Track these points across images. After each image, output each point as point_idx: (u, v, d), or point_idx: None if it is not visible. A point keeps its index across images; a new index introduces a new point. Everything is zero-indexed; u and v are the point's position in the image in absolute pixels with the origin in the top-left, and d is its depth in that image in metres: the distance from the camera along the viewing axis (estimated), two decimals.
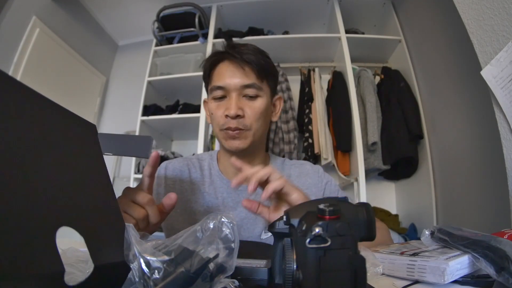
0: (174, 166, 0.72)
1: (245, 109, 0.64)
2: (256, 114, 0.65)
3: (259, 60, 0.65)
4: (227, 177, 0.71)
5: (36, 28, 1.76)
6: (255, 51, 0.67)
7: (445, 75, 1.50)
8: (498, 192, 1.07)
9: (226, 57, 0.66)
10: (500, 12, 0.73)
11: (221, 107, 0.65)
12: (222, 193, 0.70)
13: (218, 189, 0.70)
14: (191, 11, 1.96)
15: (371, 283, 0.39)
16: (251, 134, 0.65)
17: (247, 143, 0.65)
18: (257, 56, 0.65)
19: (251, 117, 0.64)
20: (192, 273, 0.25)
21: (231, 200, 0.69)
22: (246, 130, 0.64)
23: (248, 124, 0.64)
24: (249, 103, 0.65)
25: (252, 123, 0.64)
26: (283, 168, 0.76)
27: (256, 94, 0.65)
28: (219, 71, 0.67)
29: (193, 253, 0.26)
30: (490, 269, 0.37)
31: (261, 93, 0.66)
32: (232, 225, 0.30)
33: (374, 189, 1.95)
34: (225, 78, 0.64)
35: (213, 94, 0.67)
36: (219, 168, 0.73)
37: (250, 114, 0.64)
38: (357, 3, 1.93)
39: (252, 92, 0.65)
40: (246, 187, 0.68)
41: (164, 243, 0.29)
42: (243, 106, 0.64)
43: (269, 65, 0.68)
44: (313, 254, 0.25)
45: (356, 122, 1.63)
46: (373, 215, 0.29)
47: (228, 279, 0.27)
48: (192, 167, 0.73)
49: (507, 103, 0.71)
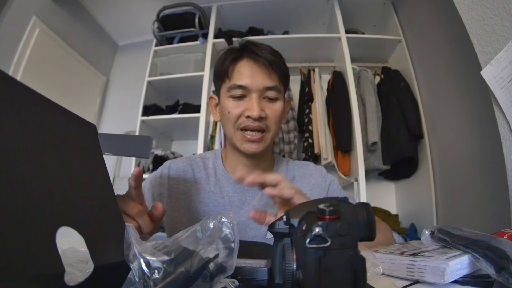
0: (178, 166, 0.71)
1: (266, 111, 0.63)
2: (276, 117, 0.64)
3: (281, 63, 0.64)
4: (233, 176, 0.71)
5: (36, 28, 1.76)
6: (274, 52, 0.65)
7: (445, 75, 1.50)
8: (498, 192, 1.07)
9: (246, 56, 0.65)
10: (500, 12, 0.73)
11: (240, 106, 0.63)
12: (228, 192, 0.69)
13: (224, 188, 0.69)
14: (191, 11, 1.96)
15: (371, 283, 0.39)
16: (270, 137, 0.65)
17: (264, 145, 0.64)
18: (279, 59, 0.64)
19: (271, 119, 0.64)
20: (192, 273, 0.25)
21: (237, 199, 0.68)
22: (266, 132, 0.64)
23: (269, 126, 0.64)
24: (270, 105, 0.64)
25: (272, 125, 0.64)
26: (287, 169, 0.75)
27: (276, 97, 0.64)
28: (239, 69, 0.64)
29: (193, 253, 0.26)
30: (490, 269, 0.37)
31: (280, 96, 0.66)
32: (232, 225, 0.30)
33: (374, 189, 1.95)
34: (247, 77, 0.63)
35: (231, 92, 0.64)
36: (225, 167, 0.72)
37: (271, 116, 0.63)
38: (357, 3, 1.93)
39: (273, 95, 0.64)
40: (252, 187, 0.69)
41: (164, 243, 0.29)
42: (264, 108, 0.63)
43: (287, 69, 0.67)
44: (313, 254, 0.25)
45: (356, 122, 1.63)
46: (373, 215, 0.29)
47: (228, 279, 0.27)
48: (195, 166, 0.72)
49: (507, 103, 0.71)
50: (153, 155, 1.90)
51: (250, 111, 0.61)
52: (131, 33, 2.51)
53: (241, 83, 0.63)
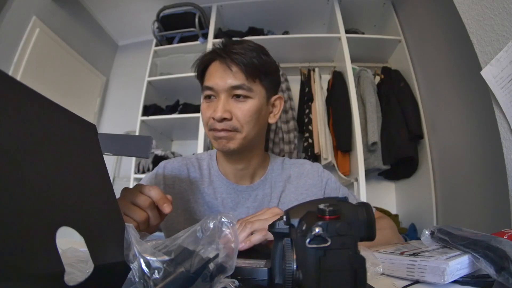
0: (173, 166, 0.71)
1: (233, 111, 0.61)
2: (245, 116, 0.61)
3: (250, 60, 0.61)
4: (227, 177, 0.71)
5: (36, 28, 1.76)
6: (249, 48, 0.63)
7: (445, 75, 1.50)
8: (498, 192, 1.07)
9: (216, 57, 0.64)
10: (500, 12, 0.73)
11: (210, 108, 0.63)
12: (222, 194, 0.70)
13: (218, 190, 0.70)
14: (191, 11, 1.96)
15: (371, 283, 0.39)
16: (240, 137, 0.62)
17: (236, 144, 0.62)
18: (248, 55, 0.62)
19: (240, 119, 0.61)
20: (192, 273, 0.25)
21: (230, 201, 0.69)
22: (235, 131, 0.62)
23: (238, 126, 0.62)
24: (238, 105, 0.62)
25: (243, 125, 0.62)
26: (283, 168, 0.75)
27: (246, 95, 0.62)
28: (210, 71, 0.65)
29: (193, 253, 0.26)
30: (490, 269, 0.37)
31: (252, 94, 0.62)
32: (232, 225, 0.30)
33: (374, 189, 1.95)
34: (214, 78, 0.62)
35: (204, 93, 0.65)
36: (219, 168, 0.72)
37: (239, 116, 0.61)
38: (357, 3, 1.93)
39: (241, 93, 0.62)
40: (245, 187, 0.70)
41: (164, 243, 0.29)
42: (231, 108, 0.61)
43: (264, 64, 0.64)
44: (313, 254, 0.25)
45: (356, 122, 1.63)
46: (373, 215, 0.29)
47: (228, 279, 0.27)
48: (191, 166, 0.72)
49: (507, 103, 0.71)
50: (153, 155, 1.90)
51: (214, 112, 0.61)
52: (131, 33, 2.51)
53: (209, 84, 0.63)
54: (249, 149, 0.67)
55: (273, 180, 0.72)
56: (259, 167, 0.72)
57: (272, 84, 0.67)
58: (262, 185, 0.71)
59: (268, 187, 0.71)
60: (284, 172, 0.74)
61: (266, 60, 0.65)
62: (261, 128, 0.67)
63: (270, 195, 0.71)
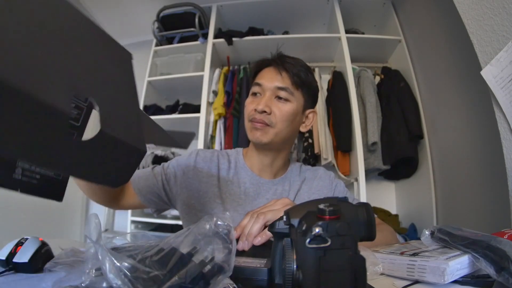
0: (205, 154, 0.79)
1: (273, 108, 0.70)
2: (282, 115, 0.70)
3: (298, 71, 0.72)
4: (251, 169, 0.77)
5: None
6: (299, 63, 0.75)
7: (445, 75, 1.50)
8: (498, 192, 1.07)
9: (271, 64, 0.75)
10: (500, 12, 0.73)
11: (254, 102, 0.72)
12: (245, 183, 0.76)
13: (242, 179, 0.76)
14: (191, 11, 1.96)
15: (371, 283, 0.39)
16: (273, 132, 0.70)
17: (268, 138, 0.70)
18: (297, 68, 0.73)
19: (277, 116, 0.70)
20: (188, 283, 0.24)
21: (252, 191, 0.75)
22: (269, 126, 0.70)
23: (273, 122, 0.70)
24: (279, 104, 0.71)
25: (277, 122, 0.70)
26: (300, 171, 0.83)
27: (287, 98, 0.71)
28: (262, 73, 0.75)
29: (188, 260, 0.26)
30: (490, 269, 0.37)
31: (292, 98, 0.72)
32: (229, 228, 0.30)
33: (374, 189, 1.95)
34: (264, 78, 0.73)
35: (252, 89, 0.75)
36: (245, 162, 0.79)
37: (277, 113, 0.70)
38: (357, 3, 1.93)
39: (283, 95, 0.71)
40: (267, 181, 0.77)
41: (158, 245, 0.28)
42: (272, 105, 0.70)
43: (308, 79, 0.74)
44: (313, 254, 0.25)
45: (356, 122, 1.63)
46: (373, 215, 0.29)
47: (227, 280, 0.27)
48: (221, 157, 0.79)
49: (507, 103, 0.71)
50: (153, 155, 1.91)
51: (257, 105, 0.70)
52: (131, 33, 2.50)
53: (258, 81, 0.73)
54: (277, 147, 0.75)
55: (292, 179, 0.80)
56: (282, 167, 0.80)
57: (310, 98, 0.77)
58: (282, 181, 0.79)
59: (287, 184, 0.79)
60: (301, 174, 0.82)
61: (310, 77, 0.76)
62: (292, 131, 0.75)
63: (288, 192, 0.78)
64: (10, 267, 0.44)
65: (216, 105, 1.82)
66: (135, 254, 0.27)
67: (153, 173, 0.74)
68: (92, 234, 0.26)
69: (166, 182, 0.73)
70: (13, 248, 0.45)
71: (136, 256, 0.27)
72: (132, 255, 0.27)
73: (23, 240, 0.47)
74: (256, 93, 0.73)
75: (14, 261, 0.44)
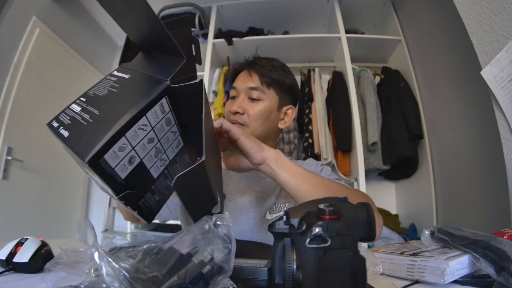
0: None
1: (246, 108, 0.73)
2: (255, 114, 0.73)
3: (268, 71, 0.76)
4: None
5: (36, 28, 1.76)
6: (271, 63, 0.78)
7: (445, 75, 1.50)
8: (498, 192, 1.07)
9: (244, 67, 0.80)
10: (500, 12, 0.73)
11: (230, 104, 0.76)
12: (235, 180, 0.79)
13: (232, 176, 0.80)
14: (191, 11, 1.96)
15: (371, 283, 0.39)
16: (248, 131, 0.72)
17: None
18: (268, 68, 0.76)
19: (250, 115, 0.72)
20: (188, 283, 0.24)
21: (242, 186, 0.78)
22: (244, 125, 0.72)
23: (247, 121, 0.72)
24: (251, 104, 0.74)
25: (251, 121, 0.72)
26: None
27: (258, 97, 0.74)
28: (237, 77, 0.80)
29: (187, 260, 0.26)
30: (490, 269, 0.37)
31: (265, 97, 0.74)
32: (228, 227, 0.30)
33: (374, 189, 1.95)
34: (238, 81, 0.78)
35: (230, 93, 0.79)
36: None
37: (250, 113, 0.73)
38: (357, 3, 1.93)
39: (255, 95, 0.74)
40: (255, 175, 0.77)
41: (157, 246, 0.28)
42: (245, 106, 0.73)
43: (280, 77, 0.77)
44: (313, 254, 0.25)
45: (356, 122, 1.63)
46: (373, 215, 0.29)
47: (227, 281, 0.27)
48: None
49: (507, 103, 0.71)
50: None
51: (232, 106, 0.73)
52: None
53: (234, 85, 0.78)
54: None
55: None
56: None
57: (286, 95, 0.79)
58: None
59: None
60: None
61: (283, 74, 0.79)
62: (268, 128, 0.77)
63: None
64: (10, 267, 0.44)
65: (216, 105, 1.82)
66: (134, 255, 0.27)
67: None
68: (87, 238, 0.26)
69: None
70: (13, 248, 0.45)
71: (135, 257, 0.26)
72: (131, 255, 0.27)
73: (23, 240, 0.47)
74: (234, 97, 0.77)
75: (14, 261, 0.44)
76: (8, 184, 1.57)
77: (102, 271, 0.23)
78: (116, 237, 0.34)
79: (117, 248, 0.31)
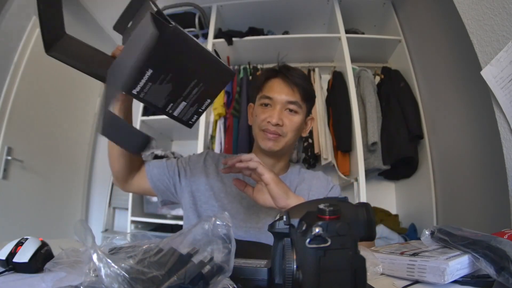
0: (214, 154, 0.90)
1: (284, 120, 0.77)
2: (292, 126, 0.78)
3: (305, 85, 0.80)
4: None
5: (36, 28, 1.76)
6: (304, 76, 0.82)
7: (445, 75, 1.50)
8: (498, 192, 1.07)
9: (279, 75, 0.81)
10: (500, 12, 0.73)
11: (265, 112, 0.78)
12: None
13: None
14: (191, 11, 1.96)
15: (371, 283, 0.39)
16: (284, 141, 0.78)
17: (279, 146, 0.78)
18: (304, 82, 0.80)
19: (288, 127, 0.77)
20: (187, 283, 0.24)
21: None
22: (281, 136, 0.77)
23: (285, 132, 0.77)
24: (289, 116, 0.78)
25: (288, 132, 0.78)
26: (299, 173, 0.88)
27: (296, 110, 0.79)
28: (271, 84, 0.81)
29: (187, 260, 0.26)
30: (490, 269, 0.37)
31: (300, 111, 0.79)
32: (228, 227, 0.30)
33: (374, 189, 1.95)
34: (274, 91, 0.79)
35: (261, 101, 0.81)
36: None
37: (288, 125, 0.77)
38: (357, 3, 1.93)
39: (293, 108, 0.78)
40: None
41: (158, 246, 0.28)
42: (284, 117, 0.77)
43: (311, 91, 0.82)
44: (313, 254, 0.25)
45: (356, 122, 1.63)
46: (373, 215, 0.29)
47: (227, 281, 0.27)
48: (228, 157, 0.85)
49: (507, 103, 0.71)
50: (153, 155, 1.90)
51: (271, 117, 0.76)
52: None
53: (269, 95, 0.79)
54: (283, 152, 0.82)
55: (292, 178, 0.86)
56: (282, 168, 0.86)
57: (310, 107, 0.84)
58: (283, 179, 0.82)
59: (287, 182, 0.83)
60: (300, 175, 0.87)
61: (311, 87, 0.83)
62: (297, 136, 0.82)
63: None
64: (10, 267, 0.44)
65: (216, 105, 1.82)
66: (134, 255, 0.27)
67: (166, 164, 0.82)
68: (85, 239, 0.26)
69: (177, 174, 0.81)
70: (13, 248, 0.45)
71: (135, 257, 0.26)
72: (131, 255, 0.27)
73: (23, 240, 0.47)
74: (267, 104, 0.79)
75: (14, 261, 0.44)
76: (8, 184, 1.57)
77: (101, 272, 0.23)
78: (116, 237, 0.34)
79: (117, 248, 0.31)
